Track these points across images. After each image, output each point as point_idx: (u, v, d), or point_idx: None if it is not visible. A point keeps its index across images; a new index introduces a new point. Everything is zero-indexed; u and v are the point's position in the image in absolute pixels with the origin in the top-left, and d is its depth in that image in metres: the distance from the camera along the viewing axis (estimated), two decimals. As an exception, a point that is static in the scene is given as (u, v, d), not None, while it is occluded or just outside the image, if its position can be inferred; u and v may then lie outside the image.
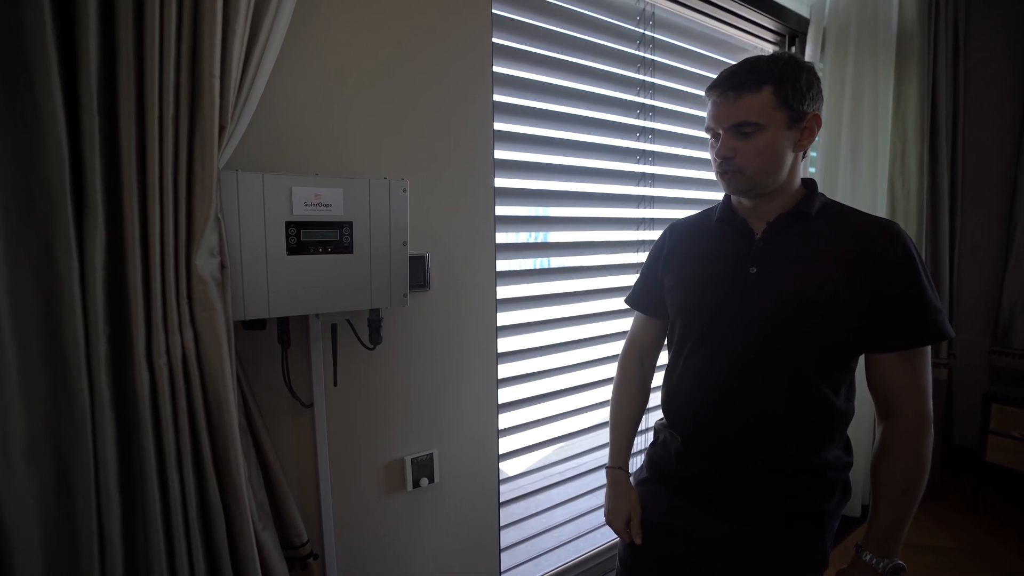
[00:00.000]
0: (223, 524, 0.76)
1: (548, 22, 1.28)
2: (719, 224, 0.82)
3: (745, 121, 0.70)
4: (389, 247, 0.91)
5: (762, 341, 0.73)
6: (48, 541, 0.66)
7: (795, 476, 0.74)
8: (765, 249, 0.75)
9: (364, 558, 1.09)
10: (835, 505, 0.76)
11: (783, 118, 0.71)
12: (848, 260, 0.70)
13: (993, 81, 2.16)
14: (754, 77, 0.70)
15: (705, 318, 0.78)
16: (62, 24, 0.63)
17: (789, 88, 0.70)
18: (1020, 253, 2.06)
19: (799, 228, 0.75)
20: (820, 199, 0.77)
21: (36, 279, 0.64)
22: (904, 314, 0.68)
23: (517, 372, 1.32)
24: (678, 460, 0.82)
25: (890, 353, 0.70)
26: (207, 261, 0.73)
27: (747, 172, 0.73)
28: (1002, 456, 1.90)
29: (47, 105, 0.61)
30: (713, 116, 0.74)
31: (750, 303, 0.74)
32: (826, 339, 0.70)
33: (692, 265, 0.83)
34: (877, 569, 0.70)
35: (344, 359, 1.00)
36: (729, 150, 0.72)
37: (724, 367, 0.76)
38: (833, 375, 0.72)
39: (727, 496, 0.77)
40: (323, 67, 0.93)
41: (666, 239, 0.92)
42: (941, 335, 0.68)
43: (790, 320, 0.71)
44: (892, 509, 0.70)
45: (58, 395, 0.65)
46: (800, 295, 0.70)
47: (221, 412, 0.74)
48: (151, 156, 0.67)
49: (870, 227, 0.72)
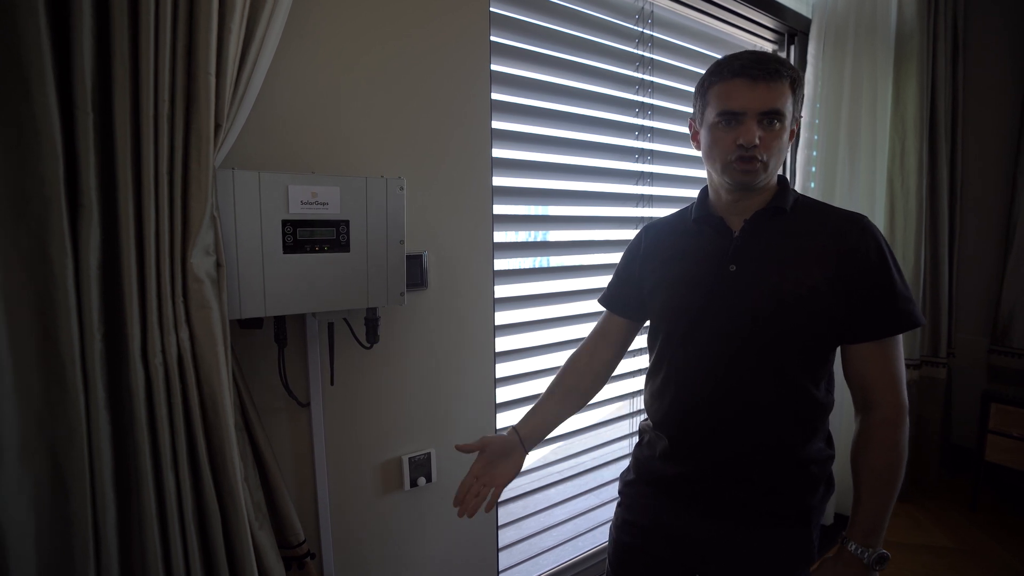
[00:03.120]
0: (219, 523, 0.76)
1: (547, 20, 1.28)
2: (696, 223, 0.82)
3: (777, 109, 0.69)
4: (386, 246, 0.91)
5: (745, 338, 0.73)
6: (43, 541, 0.66)
7: (780, 471, 0.74)
8: (743, 247, 0.75)
9: (361, 557, 1.08)
10: (819, 499, 0.77)
11: (791, 116, 0.72)
12: (825, 256, 0.71)
13: (993, 80, 2.15)
14: (783, 69, 0.70)
15: (688, 318, 0.78)
16: (56, 21, 0.62)
17: (798, 90, 0.72)
18: (1019, 252, 2.06)
19: (775, 225, 0.75)
20: (792, 194, 0.78)
21: (30, 278, 0.63)
22: (877, 305, 0.70)
23: (515, 371, 1.32)
24: (663, 460, 0.82)
25: (865, 343, 0.71)
26: (203, 259, 0.72)
27: (769, 165, 0.71)
28: (1001, 455, 1.90)
29: (41, 102, 0.61)
30: (741, 98, 0.70)
31: (731, 300, 0.74)
32: (807, 333, 0.71)
33: (672, 265, 0.83)
34: (863, 559, 0.70)
35: (341, 358, 1.00)
36: (756, 137, 0.69)
37: (709, 365, 0.76)
38: (814, 368, 0.73)
39: (713, 494, 0.78)
40: (320, 65, 0.93)
41: (642, 240, 0.91)
42: (912, 323, 0.70)
43: (772, 316, 0.71)
44: (874, 499, 0.71)
45: (52, 394, 0.65)
46: (780, 291, 0.71)
47: (217, 411, 0.74)
48: (146, 154, 0.66)
49: (843, 223, 0.73)
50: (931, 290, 2.08)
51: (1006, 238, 2.11)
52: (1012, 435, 1.88)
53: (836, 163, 1.75)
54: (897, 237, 2.00)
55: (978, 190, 2.21)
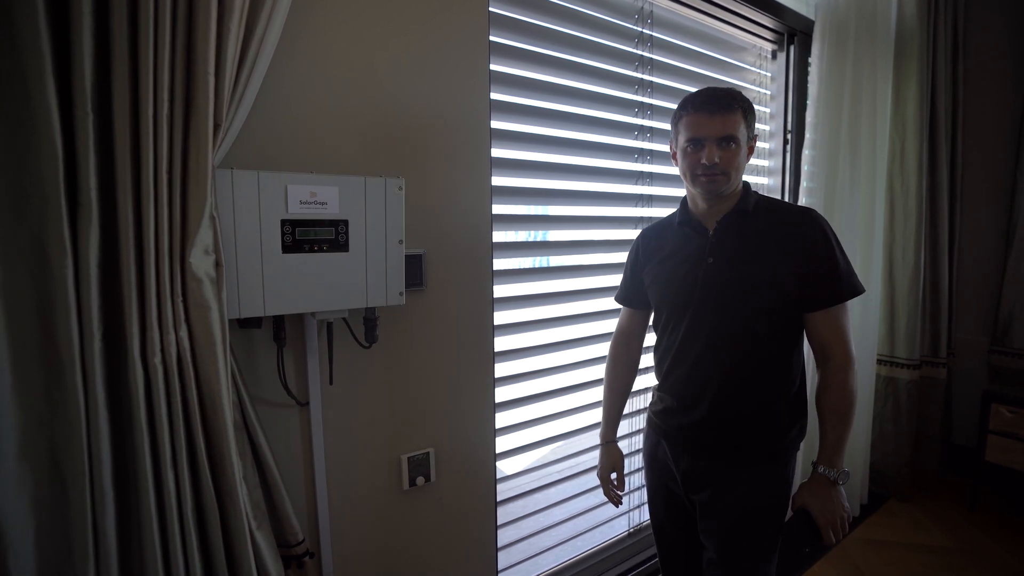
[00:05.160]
0: (218, 522, 0.76)
1: (546, 20, 1.28)
2: (680, 227, 1.02)
3: (731, 135, 0.89)
4: (385, 245, 0.91)
5: (723, 312, 0.92)
6: (42, 540, 0.66)
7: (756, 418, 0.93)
8: (717, 243, 0.95)
9: (360, 557, 1.09)
10: (790, 442, 0.95)
11: (745, 137, 0.92)
12: (781, 244, 0.90)
13: (992, 80, 2.15)
14: (734, 102, 0.90)
15: (680, 303, 0.97)
16: (56, 21, 0.62)
17: (750, 116, 0.93)
18: (1019, 253, 2.06)
19: (742, 224, 0.94)
20: (753, 196, 0.96)
21: (29, 277, 0.64)
22: (825, 282, 0.89)
23: (514, 371, 1.32)
24: (664, 415, 1.03)
25: (818, 311, 0.90)
26: (202, 259, 0.72)
27: (730, 175, 0.91)
28: (1001, 455, 1.90)
29: (40, 102, 0.61)
30: (700, 128, 0.90)
31: (710, 286, 0.93)
32: (770, 305, 0.90)
33: (664, 263, 1.02)
34: (830, 477, 0.89)
35: (340, 357, 1.00)
36: (716, 157, 0.89)
37: (699, 336, 0.95)
38: (782, 333, 0.92)
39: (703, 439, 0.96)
40: (319, 65, 0.93)
41: (639, 244, 1.12)
42: (853, 292, 0.89)
43: (740, 295, 0.90)
44: (835, 431, 0.90)
45: (52, 393, 0.65)
46: (747, 276, 0.90)
47: (215, 410, 0.74)
48: (145, 154, 0.67)
49: (795, 216, 0.92)
50: (931, 290, 2.08)
51: (1006, 238, 2.11)
52: (1013, 435, 1.88)
53: (837, 164, 1.75)
54: (897, 237, 2.00)
55: (978, 190, 2.21)
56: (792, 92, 1.85)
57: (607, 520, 1.62)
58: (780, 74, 1.87)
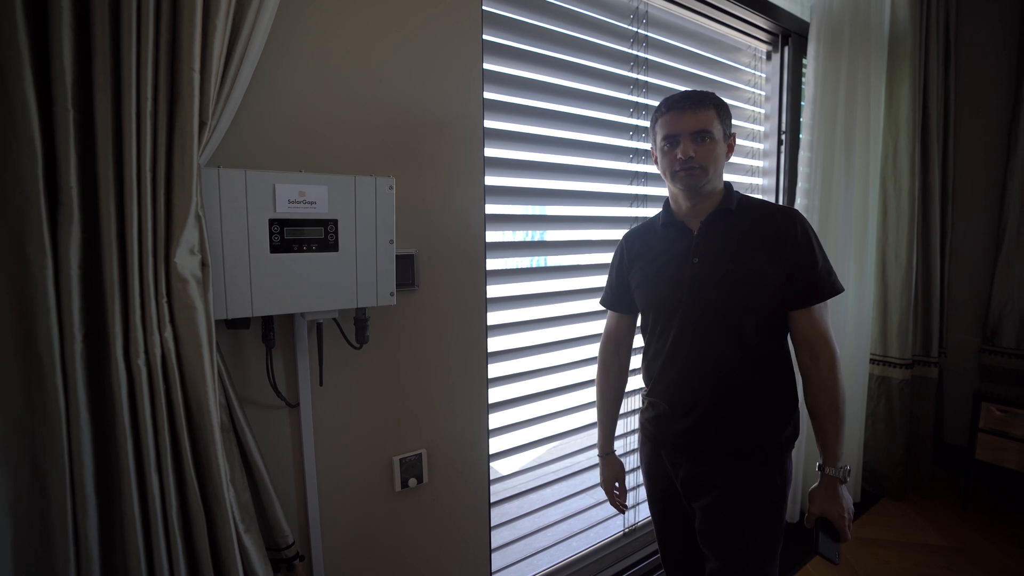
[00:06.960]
0: (204, 526, 0.75)
1: (540, 19, 1.27)
2: (664, 228, 1.02)
3: (704, 129, 0.91)
4: (375, 245, 0.90)
5: (710, 312, 0.92)
6: (20, 544, 0.65)
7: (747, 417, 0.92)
8: (702, 243, 0.95)
9: (351, 560, 1.07)
10: (786, 440, 0.95)
11: (721, 133, 0.93)
12: (765, 243, 0.90)
13: (984, 82, 2.17)
14: (705, 99, 0.92)
15: (667, 305, 0.97)
16: (34, 16, 0.61)
17: (724, 114, 0.95)
18: (1009, 253, 2.07)
19: (725, 223, 0.94)
20: (736, 195, 0.97)
21: (8, 278, 0.62)
22: (807, 279, 0.90)
23: (507, 372, 1.31)
24: (656, 422, 1.02)
25: (801, 310, 0.91)
26: (187, 259, 0.71)
27: (708, 170, 0.91)
28: (992, 454, 1.91)
29: (18, 99, 0.60)
30: (675, 124, 0.92)
31: (697, 286, 0.93)
32: (757, 302, 0.90)
33: (650, 265, 1.02)
34: (838, 476, 0.91)
35: (331, 358, 0.99)
36: (691, 151, 0.90)
37: (688, 337, 0.95)
38: (768, 330, 0.93)
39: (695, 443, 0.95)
40: (308, 62, 0.92)
41: (624, 247, 1.11)
42: (833, 292, 0.90)
43: (727, 293, 0.90)
44: (834, 428, 0.91)
45: (32, 396, 0.64)
46: (734, 275, 0.90)
47: (202, 412, 0.73)
48: (128, 152, 0.65)
49: (777, 215, 0.93)
50: (923, 290, 2.09)
51: (996, 239, 2.12)
52: (1003, 434, 1.89)
53: (833, 164, 1.75)
54: (890, 237, 2.00)
55: (969, 191, 2.23)
56: (786, 93, 1.86)
57: (602, 520, 1.62)
58: (775, 75, 1.87)
